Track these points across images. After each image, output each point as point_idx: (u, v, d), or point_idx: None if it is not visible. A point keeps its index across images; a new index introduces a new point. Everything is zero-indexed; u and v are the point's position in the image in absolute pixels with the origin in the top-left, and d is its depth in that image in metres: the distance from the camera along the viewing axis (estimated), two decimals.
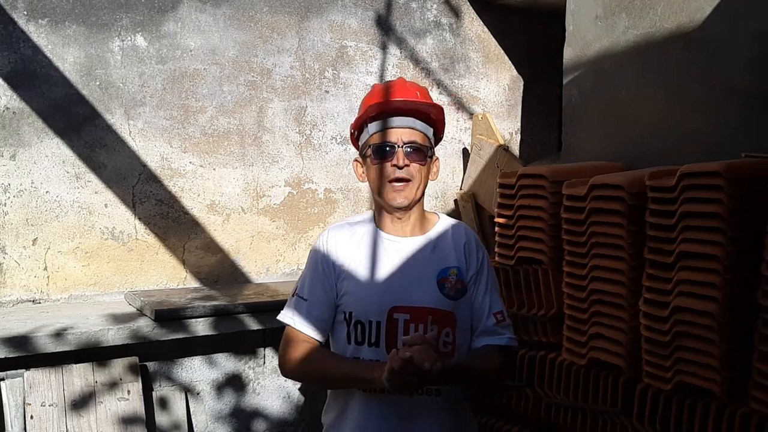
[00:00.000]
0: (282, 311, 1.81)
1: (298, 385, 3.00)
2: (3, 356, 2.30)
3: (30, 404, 2.34)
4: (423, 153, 1.75)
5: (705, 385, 1.90)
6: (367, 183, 1.81)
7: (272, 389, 2.94)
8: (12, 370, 2.37)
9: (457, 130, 3.72)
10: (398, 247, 1.79)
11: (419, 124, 1.76)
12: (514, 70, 3.93)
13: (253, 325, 2.73)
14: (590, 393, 2.27)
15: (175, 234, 3.09)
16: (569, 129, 2.94)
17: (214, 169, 3.16)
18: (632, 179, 2.13)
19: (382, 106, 1.75)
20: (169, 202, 3.07)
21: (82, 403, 2.41)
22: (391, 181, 1.73)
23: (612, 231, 2.16)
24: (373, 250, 1.79)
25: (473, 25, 3.78)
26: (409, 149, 1.73)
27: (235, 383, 2.86)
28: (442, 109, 1.80)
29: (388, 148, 1.73)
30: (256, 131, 3.24)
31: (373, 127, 1.77)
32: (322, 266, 1.79)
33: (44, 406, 2.36)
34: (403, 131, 1.74)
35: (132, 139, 2.97)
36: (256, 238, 3.27)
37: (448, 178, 3.71)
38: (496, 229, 2.61)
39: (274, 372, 2.94)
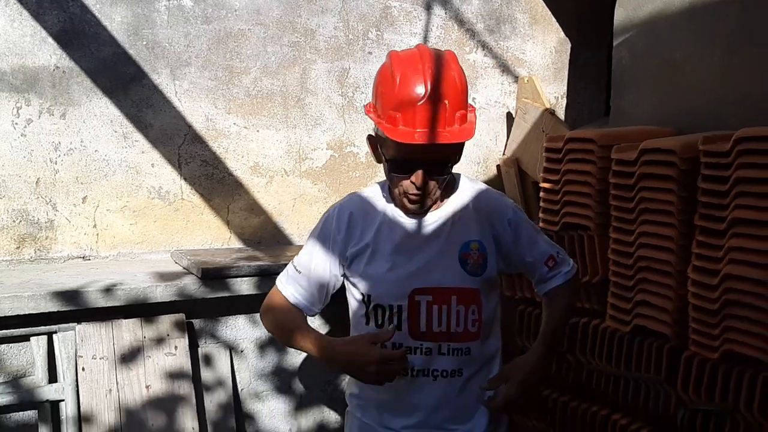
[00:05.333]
0: (281, 275, 1.84)
1: None
2: (55, 309, 2.37)
3: (81, 357, 2.41)
4: (444, 167, 1.61)
5: (754, 353, 1.87)
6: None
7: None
8: (64, 323, 2.44)
9: (501, 93, 3.66)
10: (416, 224, 1.70)
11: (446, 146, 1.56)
12: (562, 32, 3.83)
13: None
14: (633, 360, 2.25)
15: (220, 195, 3.12)
16: (619, 92, 2.87)
17: (257, 131, 3.17)
18: (685, 144, 2.08)
19: (400, 144, 1.54)
20: (214, 163, 3.10)
21: (131, 357, 2.48)
22: (407, 194, 1.62)
23: (662, 197, 2.11)
24: (389, 230, 1.71)
25: None
26: (430, 168, 1.58)
27: (277, 342, 2.90)
28: (470, 122, 1.59)
29: (406, 164, 1.58)
30: (299, 93, 3.24)
31: (390, 139, 1.58)
32: (325, 244, 1.75)
33: (95, 359, 2.43)
34: (425, 152, 1.55)
35: (177, 100, 3.00)
36: (299, 200, 3.29)
37: (491, 143, 3.66)
38: (541, 194, 2.58)
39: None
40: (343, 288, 1.83)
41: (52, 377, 2.42)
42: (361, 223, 1.73)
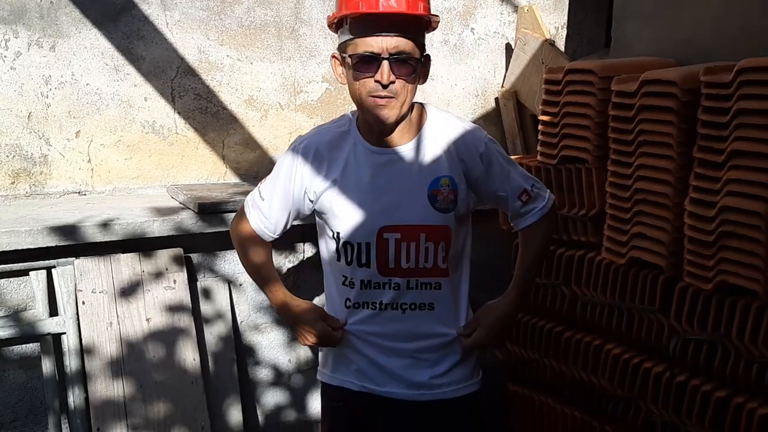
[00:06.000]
0: (249, 196, 1.86)
1: None
2: (53, 244, 2.37)
3: (81, 291, 2.43)
4: (412, 66, 1.58)
5: (748, 285, 1.89)
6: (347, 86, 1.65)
7: (310, 283, 3.01)
8: (62, 258, 2.44)
9: (500, 24, 3.58)
10: (384, 160, 1.68)
11: (409, 31, 1.56)
12: None
13: None
14: (628, 292, 2.28)
15: (214, 129, 3.09)
16: (620, 23, 2.80)
17: (251, 63, 3.11)
18: (686, 75, 2.05)
19: (362, 14, 1.55)
20: (208, 97, 3.05)
21: (130, 290, 2.50)
22: (373, 97, 1.57)
23: (661, 129, 2.09)
24: (357, 165, 1.69)
25: None
26: (395, 61, 1.55)
27: None
28: (428, 8, 1.61)
29: (371, 59, 1.55)
30: (293, 23, 3.16)
31: (353, 28, 1.57)
32: (288, 179, 1.74)
33: (95, 292, 2.45)
34: (390, 39, 1.54)
35: (169, 31, 2.93)
36: (294, 135, 3.25)
37: (489, 75, 3.61)
38: (540, 127, 2.55)
39: (313, 266, 3.00)
40: (313, 221, 1.86)
41: (53, 311, 2.44)
42: (327, 158, 1.71)
